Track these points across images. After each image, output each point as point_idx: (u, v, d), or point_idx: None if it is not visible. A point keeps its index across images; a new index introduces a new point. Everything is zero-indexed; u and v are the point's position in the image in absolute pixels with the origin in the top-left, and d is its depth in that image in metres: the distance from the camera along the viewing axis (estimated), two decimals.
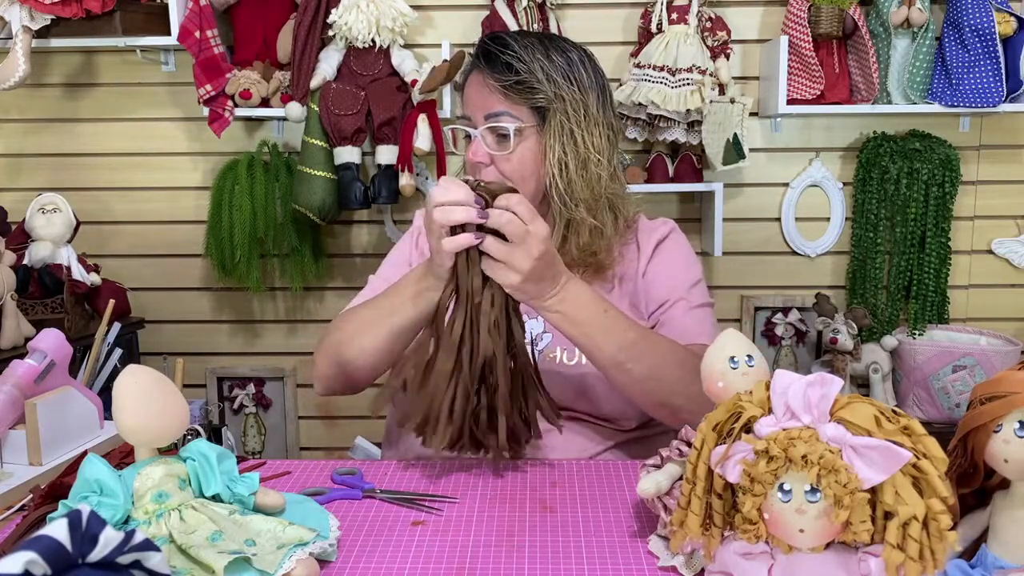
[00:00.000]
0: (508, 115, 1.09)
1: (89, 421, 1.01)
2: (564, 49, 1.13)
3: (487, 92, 1.10)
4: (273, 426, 2.33)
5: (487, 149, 1.10)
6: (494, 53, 1.10)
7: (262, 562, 0.64)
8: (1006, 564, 0.61)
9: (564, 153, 1.09)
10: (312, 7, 1.96)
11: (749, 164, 2.06)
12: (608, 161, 1.12)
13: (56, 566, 0.44)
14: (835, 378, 0.56)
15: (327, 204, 2.00)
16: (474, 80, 1.14)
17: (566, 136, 1.09)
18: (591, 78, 1.13)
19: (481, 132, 1.10)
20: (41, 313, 1.87)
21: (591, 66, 1.14)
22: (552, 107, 1.08)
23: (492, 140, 1.10)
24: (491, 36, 1.15)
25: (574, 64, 1.11)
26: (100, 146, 2.24)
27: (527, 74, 1.08)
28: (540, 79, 1.08)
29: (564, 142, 1.09)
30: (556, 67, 1.10)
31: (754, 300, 2.24)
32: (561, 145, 1.08)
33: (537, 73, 1.08)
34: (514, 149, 1.09)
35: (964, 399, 2.00)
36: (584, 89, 1.11)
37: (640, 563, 0.73)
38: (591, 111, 1.11)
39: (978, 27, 1.94)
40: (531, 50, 1.10)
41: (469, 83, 1.15)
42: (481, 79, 1.11)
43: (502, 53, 1.09)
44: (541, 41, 1.13)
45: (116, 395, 0.65)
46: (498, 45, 1.11)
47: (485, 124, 1.10)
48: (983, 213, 2.20)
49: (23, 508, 0.84)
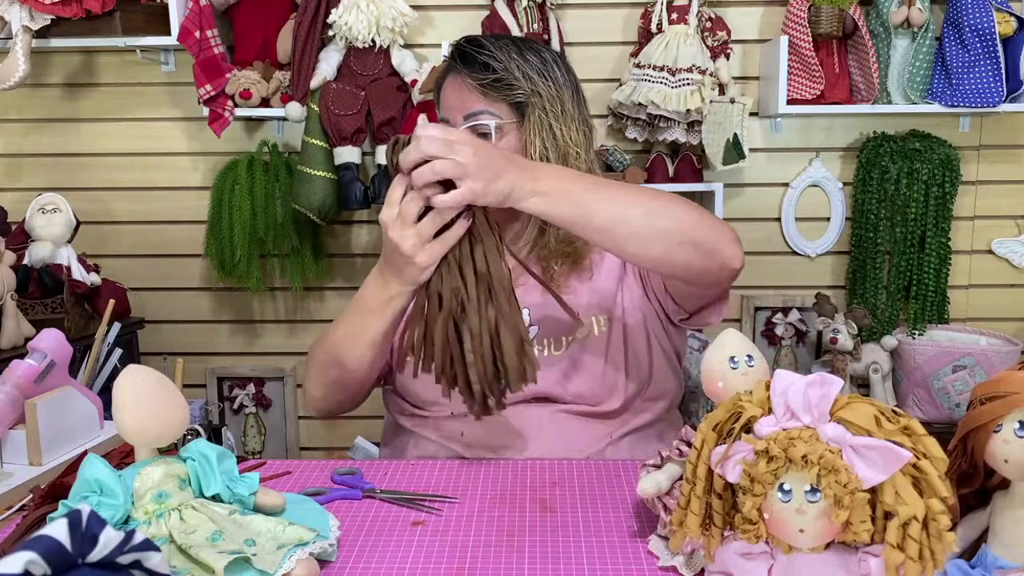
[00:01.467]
0: (487, 113, 1.10)
1: (89, 421, 1.01)
2: (537, 49, 1.15)
3: (465, 92, 1.12)
4: (273, 426, 2.33)
5: None
6: (470, 54, 1.12)
7: (262, 562, 0.64)
8: (1006, 564, 0.61)
9: (544, 147, 1.10)
10: (312, 7, 1.96)
11: (749, 164, 2.06)
12: (586, 155, 1.14)
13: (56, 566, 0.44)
14: (835, 378, 0.56)
15: (327, 204, 2.00)
16: (451, 82, 1.15)
17: (545, 131, 1.10)
18: (564, 76, 1.15)
19: None
20: (41, 313, 1.87)
21: (564, 65, 1.17)
22: (531, 102, 1.10)
23: None
24: (465, 38, 1.16)
25: (547, 63, 1.14)
26: (100, 146, 2.24)
27: (504, 72, 1.10)
28: (517, 76, 1.10)
29: (544, 136, 1.10)
30: (531, 65, 1.12)
31: (754, 300, 2.24)
32: (541, 140, 1.10)
33: (514, 71, 1.10)
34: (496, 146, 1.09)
35: (964, 399, 2.00)
36: (559, 86, 1.13)
37: (640, 563, 0.73)
38: (567, 107, 1.13)
39: (978, 27, 1.94)
40: (505, 50, 1.12)
41: (446, 86, 1.16)
42: (459, 80, 1.13)
43: (478, 54, 1.11)
44: (514, 42, 1.15)
45: (116, 395, 0.65)
46: (473, 46, 1.13)
47: (465, 124, 1.10)
48: (983, 213, 2.20)
49: (23, 508, 0.84)
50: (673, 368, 1.21)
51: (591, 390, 1.11)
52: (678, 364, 1.24)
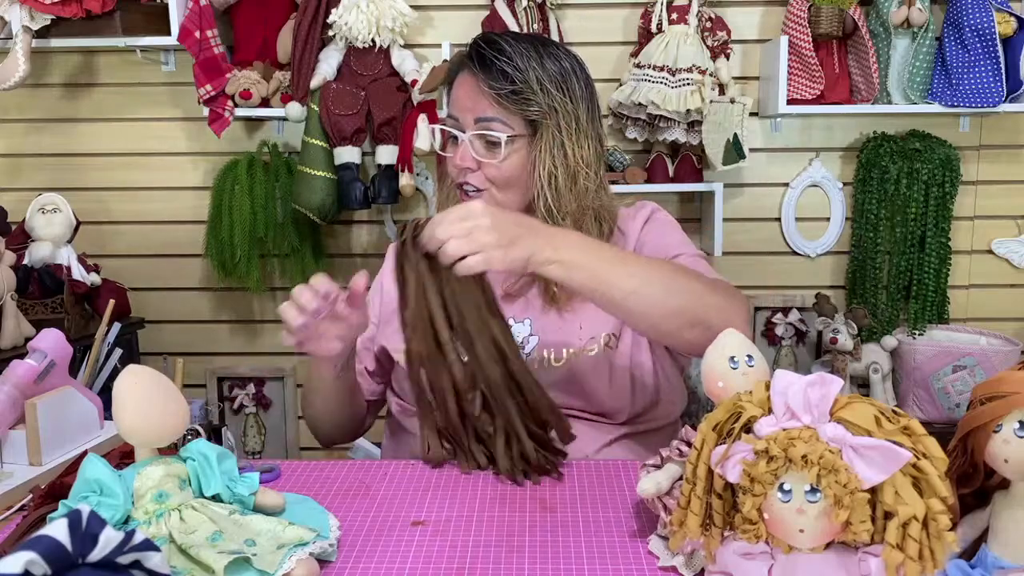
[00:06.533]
0: (499, 122, 1.07)
1: (89, 421, 1.01)
2: (558, 57, 1.11)
3: (478, 95, 1.08)
4: (273, 426, 2.33)
5: (474, 154, 1.08)
6: (489, 58, 1.07)
7: (262, 562, 0.64)
8: (1006, 564, 0.61)
9: (554, 166, 1.07)
10: (312, 7, 1.96)
11: (749, 164, 2.06)
12: (596, 173, 1.11)
13: (56, 566, 0.44)
14: (835, 378, 0.56)
15: (327, 204, 2.00)
16: (465, 81, 1.11)
17: (556, 149, 1.07)
18: (583, 89, 1.11)
19: (470, 136, 1.08)
20: (41, 313, 1.87)
21: (583, 76, 1.13)
22: (545, 119, 1.07)
23: (480, 145, 1.08)
24: (485, 38, 1.12)
25: (567, 74, 1.10)
26: (100, 146, 2.24)
27: (522, 83, 1.06)
28: (535, 89, 1.06)
29: (554, 155, 1.07)
30: (550, 76, 1.08)
31: (754, 300, 2.24)
32: (552, 158, 1.07)
33: (532, 83, 1.06)
34: (505, 157, 1.07)
35: (964, 399, 2.00)
36: (576, 100, 1.09)
37: (640, 563, 0.73)
38: (582, 123, 1.10)
39: (978, 27, 1.94)
40: (526, 57, 1.08)
41: (460, 83, 1.12)
42: (474, 81, 1.09)
43: (497, 59, 1.07)
44: (535, 47, 1.10)
45: (116, 395, 0.65)
46: (493, 50, 1.08)
47: (475, 128, 1.08)
48: (983, 213, 2.20)
49: (23, 508, 0.84)
50: (678, 384, 1.20)
51: (595, 406, 1.11)
52: (682, 378, 1.23)
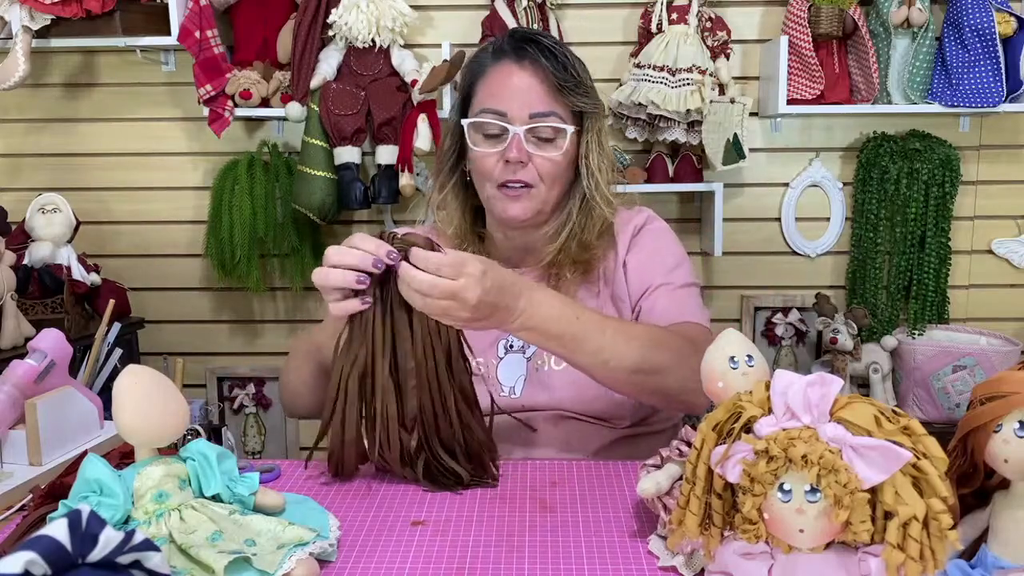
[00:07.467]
0: (556, 115, 1.07)
1: (89, 421, 1.01)
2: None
3: (535, 86, 1.06)
4: (273, 426, 2.33)
5: (527, 148, 1.07)
6: (549, 48, 1.07)
7: (262, 562, 0.64)
8: (1006, 564, 0.61)
9: (600, 157, 1.10)
10: (312, 7, 1.96)
11: (749, 164, 2.06)
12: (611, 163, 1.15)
13: (56, 566, 0.44)
14: (835, 378, 0.56)
15: (327, 204, 2.00)
16: (512, 72, 1.07)
17: (599, 140, 1.11)
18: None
19: (524, 130, 1.06)
20: (41, 313, 1.87)
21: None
22: (594, 112, 1.10)
23: (532, 139, 1.08)
24: (521, 33, 1.12)
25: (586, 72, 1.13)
26: (100, 146, 2.24)
27: (584, 74, 1.09)
28: (589, 84, 1.09)
29: (599, 145, 1.10)
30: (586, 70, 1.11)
31: (754, 300, 2.24)
32: (598, 148, 1.10)
33: (583, 76, 1.09)
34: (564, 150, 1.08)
35: (964, 399, 2.00)
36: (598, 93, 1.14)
37: (640, 563, 0.73)
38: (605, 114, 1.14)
39: (978, 27, 1.94)
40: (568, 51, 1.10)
41: (500, 76, 1.08)
42: (526, 72, 1.07)
43: (555, 50, 1.07)
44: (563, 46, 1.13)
45: (116, 395, 0.65)
46: (547, 40, 1.09)
47: (530, 123, 1.06)
48: (983, 213, 2.20)
49: (23, 508, 0.84)
50: None
51: (596, 410, 1.11)
52: None
